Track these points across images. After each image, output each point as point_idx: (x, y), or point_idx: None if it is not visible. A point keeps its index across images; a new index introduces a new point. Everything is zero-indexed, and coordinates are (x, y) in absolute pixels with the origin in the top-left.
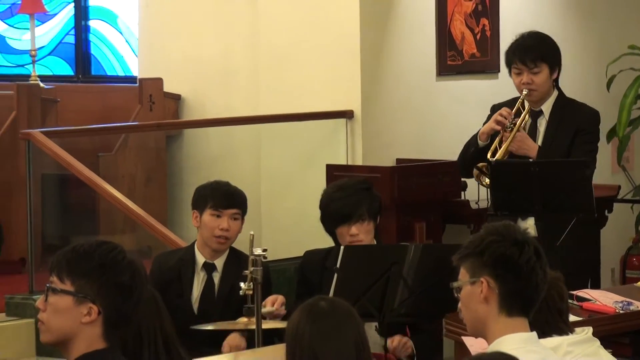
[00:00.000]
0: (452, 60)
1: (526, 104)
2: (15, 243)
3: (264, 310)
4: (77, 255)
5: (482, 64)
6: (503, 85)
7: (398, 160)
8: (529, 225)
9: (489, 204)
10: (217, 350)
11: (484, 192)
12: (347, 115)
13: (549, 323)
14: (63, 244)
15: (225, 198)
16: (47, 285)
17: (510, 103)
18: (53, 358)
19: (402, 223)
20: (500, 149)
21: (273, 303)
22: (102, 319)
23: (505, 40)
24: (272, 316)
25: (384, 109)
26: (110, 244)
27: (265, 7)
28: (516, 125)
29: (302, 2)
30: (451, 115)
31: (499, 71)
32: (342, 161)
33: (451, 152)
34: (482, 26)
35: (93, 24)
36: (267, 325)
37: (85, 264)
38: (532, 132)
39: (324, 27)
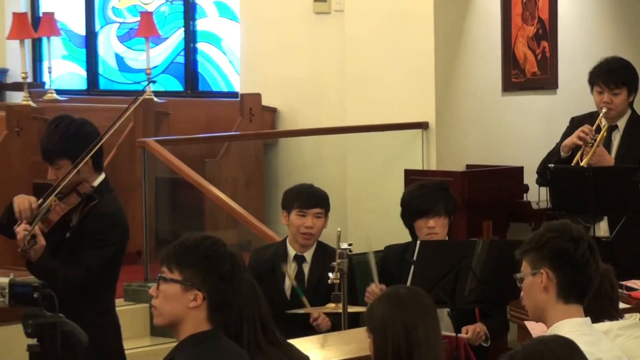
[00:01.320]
0: (515, 78)
1: (603, 120)
2: (132, 238)
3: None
4: (183, 249)
5: (542, 82)
6: (560, 100)
7: (468, 166)
8: (602, 228)
9: (549, 204)
10: (308, 333)
11: (544, 194)
12: (422, 126)
13: (602, 310)
14: (173, 239)
15: (308, 199)
16: (159, 275)
17: (588, 117)
18: (165, 338)
19: (471, 221)
20: (581, 162)
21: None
22: (206, 304)
23: (564, 60)
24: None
25: (455, 121)
26: (212, 238)
27: (351, 31)
28: (596, 141)
29: (384, 26)
30: (514, 126)
31: (557, 87)
32: (418, 167)
33: (515, 159)
34: (542, 48)
35: (200, 46)
36: (352, 309)
37: (191, 256)
38: (607, 145)
39: (402, 49)
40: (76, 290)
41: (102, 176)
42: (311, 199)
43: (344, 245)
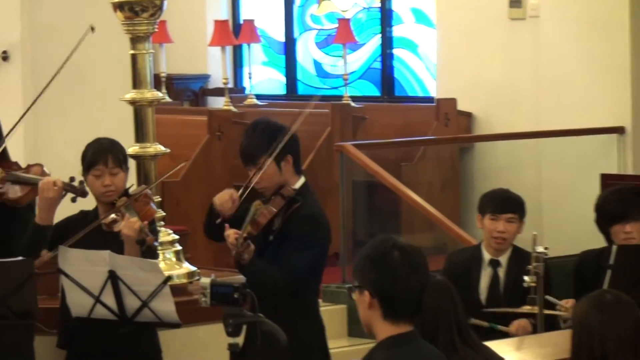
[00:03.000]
0: None
1: None
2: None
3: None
4: (360, 254)
5: None
6: None
7: None
8: None
9: None
10: (503, 337)
11: None
12: (618, 131)
13: None
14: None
15: (501, 204)
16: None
17: None
18: (363, 339)
19: None
20: None
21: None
22: (377, 303)
23: None
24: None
25: None
26: (381, 236)
27: (547, 36)
28: None
29: (580, 32)
30: None
31: None
32: (614, 171)
33: None
34: None
35: (397, 52)
36: (548, 311)
37: (360, 259)
38: None
39: (597, 55)
40: (283, 292)
41: (302, 179)
42: (504, 204)
43: (540, 249)
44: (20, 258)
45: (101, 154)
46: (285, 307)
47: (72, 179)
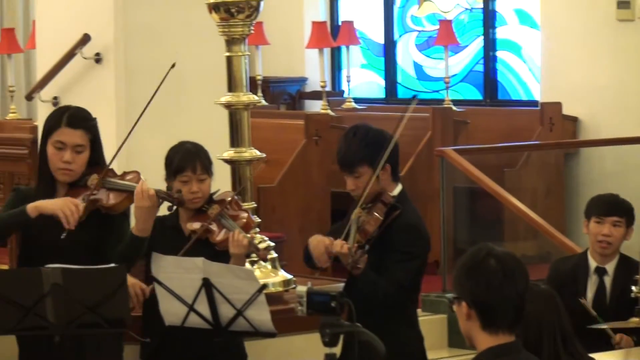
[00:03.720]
0: None
1: None
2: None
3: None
4: (457, 264)
5: None
6: None
7: None
8: None
9: None
10: (609, 348)
11: None
12: None
13: None
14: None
15: (607, 207)
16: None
17: None
18: (463, 349)
19: None
20: None
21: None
22: (475, 313)
23: None
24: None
25: None
26: (478, 247)
27: None
28: None
29: None
30: None
31: None
32: None
33: None
34: None
35: (500, 54)
36: None
37: (456, 269)
38: None
39: None
40: (388, 303)
41: (400, 187)
42: (611, 206)
43: None
44: (112, 265)
45: (188, 160)
46: (385, 316)
47: (169, 187)
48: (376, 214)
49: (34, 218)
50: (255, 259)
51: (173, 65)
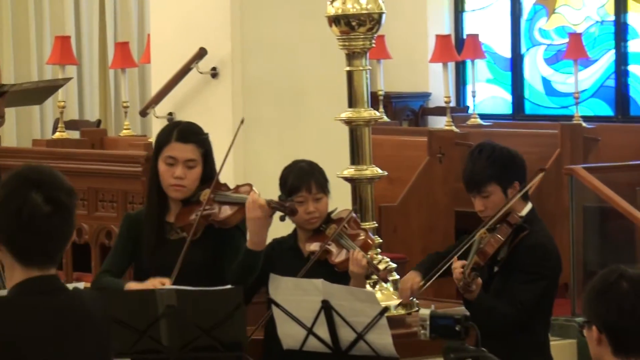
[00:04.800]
0: None
1: None
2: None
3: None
4: (587, 287)
5: None
6: None
7: None
8: None
9: None
10: None
11: None
12: None
13: None
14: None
15: None
16: None
17: None
18: None
19: None
20: None
21: None
22: (605, 338)
23: None
24: None
25: None
26: (610, 270)
27: None
28: None
29: None
30: None
31: None
32: None
33: None
34: None
35: (632, 68)
36: None
37: (586, 293)
38: None
39: None
40: (512, 327)
41: (529, 205)
42: None
43: None
44: (228, 287)
45: (303, 180)
46: (513, 341)
47: (280, 197)
48: (499, 235)
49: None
50: (376, 279)
51: (242, 121)
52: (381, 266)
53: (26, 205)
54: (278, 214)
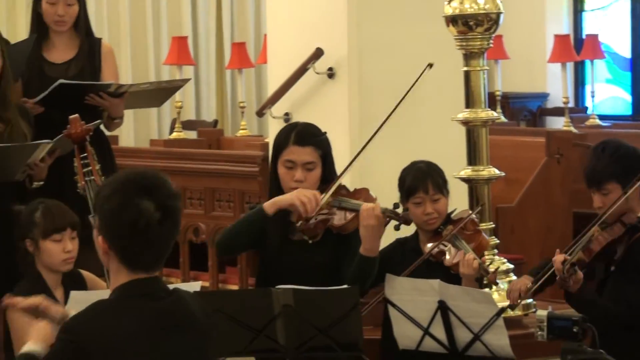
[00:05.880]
0: None
1: None
2: None
3: None
4: None
5: None
6: None
7: None
8: None
9: None
10: None
11: None
12: None
13: None
14: None
15: None
16: None
17: None
18: None
19: None
20: None
21: None
22: None
23: None
24: None
25: None
26: None
27: None
28: None
29: None
30: None
31: None
32: None
33: None
34: None
35: None
36: None
37: None
38: None
39: None
40: (614, 323)
41: None
42: None
43: None
44: (344, 286)
45: (421, 181)
46: (627, 342)
47: (395, 205)
48: (608, 234)
49: (272, 215)
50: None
51: (430, 65)
52: (495, 267)
53: (141, 216)
54: (393, 222)
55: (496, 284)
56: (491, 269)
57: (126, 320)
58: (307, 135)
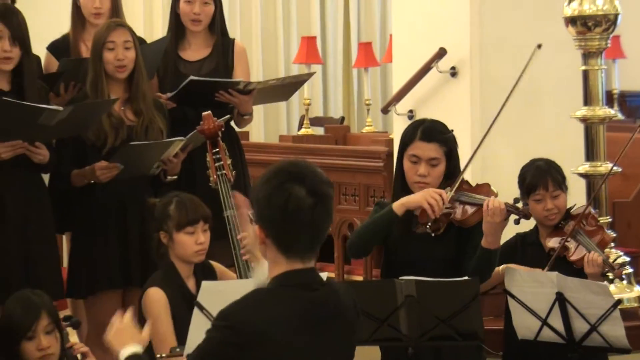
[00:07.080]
0: None
1: None
2: None
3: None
4: None
5: None
6: None
7: None
8: None
9: None
10: None
11: None
12: None
13: None
14: None
15: None
16: None
17: None
18: None
19: None
20: None
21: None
22: None
23: None
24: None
25: None
26: None
27: None
28: None
29: None
30: None
31: None
32: None
33: None
34: None
35: None
36: None
37: None
38: None
39: None
40: None
41: None
42: None
43: None
44: (465, 278)
45: (541, 178)
46: None
47: (516, 200)
48: None
49: (401, 215)
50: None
51: (539, 46)
52: (617, 261)
53: (291, 199)
54: (513, 216)
55: (622, 279)
56: (617, 263)
57: (281, 308)
58: (433, 132)
